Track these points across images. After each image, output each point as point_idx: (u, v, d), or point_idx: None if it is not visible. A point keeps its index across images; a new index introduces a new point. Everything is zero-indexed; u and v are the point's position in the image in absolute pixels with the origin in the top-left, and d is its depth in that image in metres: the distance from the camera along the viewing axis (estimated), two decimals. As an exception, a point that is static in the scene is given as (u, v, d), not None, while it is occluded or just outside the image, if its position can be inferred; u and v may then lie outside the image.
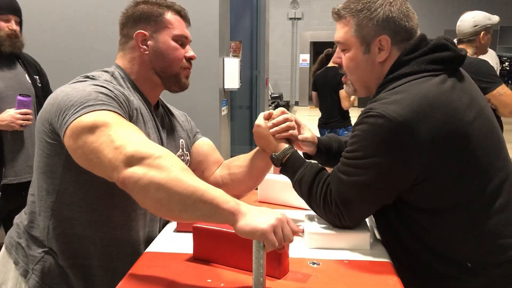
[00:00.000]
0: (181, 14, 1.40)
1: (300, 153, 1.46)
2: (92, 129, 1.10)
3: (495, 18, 3.00)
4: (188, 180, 1.00)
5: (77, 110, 1.13)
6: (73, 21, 3.16)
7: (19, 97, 2.31)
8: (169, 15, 1.37)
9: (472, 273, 1.22)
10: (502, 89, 2.72)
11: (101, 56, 3.06)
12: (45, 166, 1.26)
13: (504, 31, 11.02)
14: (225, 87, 3.40)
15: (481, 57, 3.12)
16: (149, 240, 1.34)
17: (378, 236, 1.40)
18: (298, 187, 1.34)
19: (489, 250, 1.23)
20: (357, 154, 1.21)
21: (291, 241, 1.01)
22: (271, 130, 1.39)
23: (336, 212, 1.25)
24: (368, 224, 1.35)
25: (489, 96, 2.73)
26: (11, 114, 2.31)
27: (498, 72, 3.62)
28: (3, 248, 1.38)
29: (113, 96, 1.20)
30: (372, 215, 1.36)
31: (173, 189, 1.00)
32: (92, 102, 1.14)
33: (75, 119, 1.12)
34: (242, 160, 1.53)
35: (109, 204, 1.13)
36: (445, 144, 1.17)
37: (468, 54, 2.96)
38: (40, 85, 2.58)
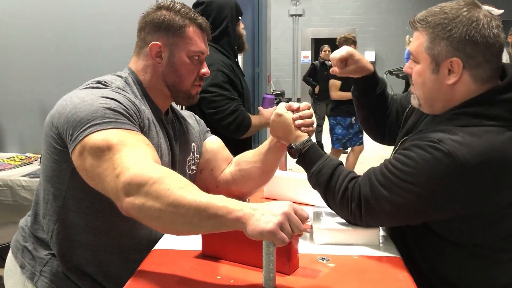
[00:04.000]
0: (202, 27, 1.34)
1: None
2: (96, 152, 1.09)
3: (496, 11, 2.98)
4: (189, 200, 0.98)
5: (83, 128, 1.12)
6: (74, 18, 3.15)
7: (267, 96, 2.44)
8: (191, 30, 1.31)
9: None
10: None
11: (104, 54, 3.06)
12: (53, 171, 1.25)
13: (506, 25, 10.99)
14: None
15: None
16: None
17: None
18: (315, 178, 1.32)
19: None
20: (405, 177, 1.16)
21: (300, 230, 0.98)
22: (298, 122, 1.36)
23: (354, 211, 1.23)
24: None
25: None
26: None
27: None
28: (10, 252, 1.37)
29: (121, 110, 1.17)
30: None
31: (174, 214, 0.99)
32: (98, 120, 1.12)
33: (82, 138, 1.11)
34: (251, 156, 1.52)
35: (115, 212, 1.12)
36: (492, 197, 1.15)
37: None
38: None
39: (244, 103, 2.40)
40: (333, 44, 6.68)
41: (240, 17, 2.51)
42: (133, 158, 1.06)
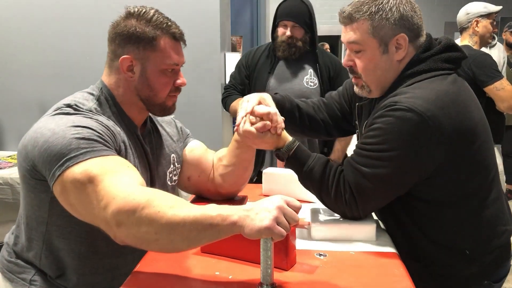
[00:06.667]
0: (176, 37, 1.26)
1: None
2: (78, 187, 1.06)
3: (492, 7, 2.95)
4: (182, 217, 0.97)
5: (59, 163, 1.08)
6: (74, 17, 3.15)
7: None
8: (163, 41, 1.23)
9: (469, 260, 1.29)
10: (500, 84, 2.72)
11: (103, 53, 3.07)
12: (32, 200, 1.22)
13: (505, 22, 10.97)
14: (226, 82, 3.40)
15: (487, 50, 3.11)
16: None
17: (382, 226, 1.40)
18: (307, 178, 1.33)
19: (486, 238, 1.30)
20: (381, 147, 1.22)
21: (296, 221, 0.99)
22: (258, 126, 1.30)
23: (350, 202, 1.26)
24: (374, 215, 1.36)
25: (486, 90, 2.74)
26: None
27: (505, 65, 3.58)
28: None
29: (95, 137, 1.12)
30: None
31: (171, 234, 0.98)
32: (74, 153, 1.08)
33: (60, 174, 1.07)
34: (226, 160, 1.48)
35: (98, 236, 1.10)
36: (461, 139, 1.22)
37: (469, 44, 2.93)
38: (322, 87, 2.54)
39: (247, 91, 2.57)
40: (333, 41, 6.68)
41: (278, 22, 2.55)
42: (117, 186, 1.03)
